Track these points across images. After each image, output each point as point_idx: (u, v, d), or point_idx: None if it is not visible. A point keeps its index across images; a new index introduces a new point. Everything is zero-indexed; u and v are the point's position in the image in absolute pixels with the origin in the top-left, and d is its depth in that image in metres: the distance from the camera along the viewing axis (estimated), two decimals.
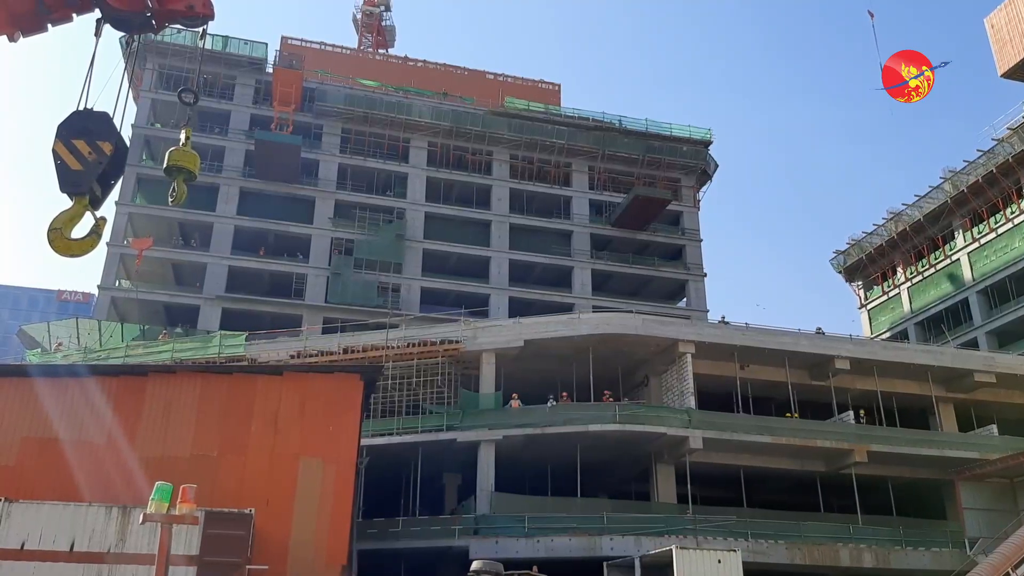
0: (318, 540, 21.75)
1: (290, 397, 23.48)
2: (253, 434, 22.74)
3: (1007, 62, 68.53)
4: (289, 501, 21.84)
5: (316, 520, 21.84)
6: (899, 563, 32.39)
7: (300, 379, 24.41)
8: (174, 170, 10.72)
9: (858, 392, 37.62)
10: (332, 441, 23.12)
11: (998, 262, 57.12)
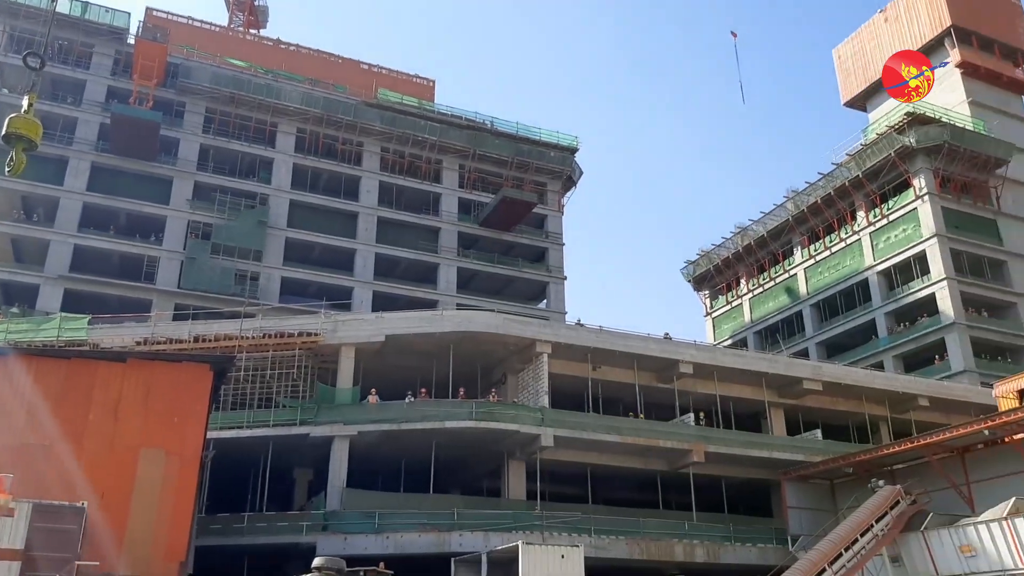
0: (156, 535, 20.89)
1: (133, 385, 22.40)
2: (91, 423, 21.56)
3: (850, 91, 74.17)
4: (127, 494, 20.87)
5: (155, 514, 20.96)
6: (728, 558, 34.35)
7: (145, 367, 23.31)
8: (13, 138, 10.07)
9: (700, 395, 39.51)
10: (176, 432, 22.23)
11: (830, 278, 61.65)
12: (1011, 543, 27.72)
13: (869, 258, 58.65)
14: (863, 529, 30.76)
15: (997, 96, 64.56)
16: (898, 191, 57.84)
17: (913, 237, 55.88)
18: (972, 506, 31.50)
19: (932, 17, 65.55)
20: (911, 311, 55.77)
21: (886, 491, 32.53)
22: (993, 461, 32.29)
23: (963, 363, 50.99)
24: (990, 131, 59.55)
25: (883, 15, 70.88)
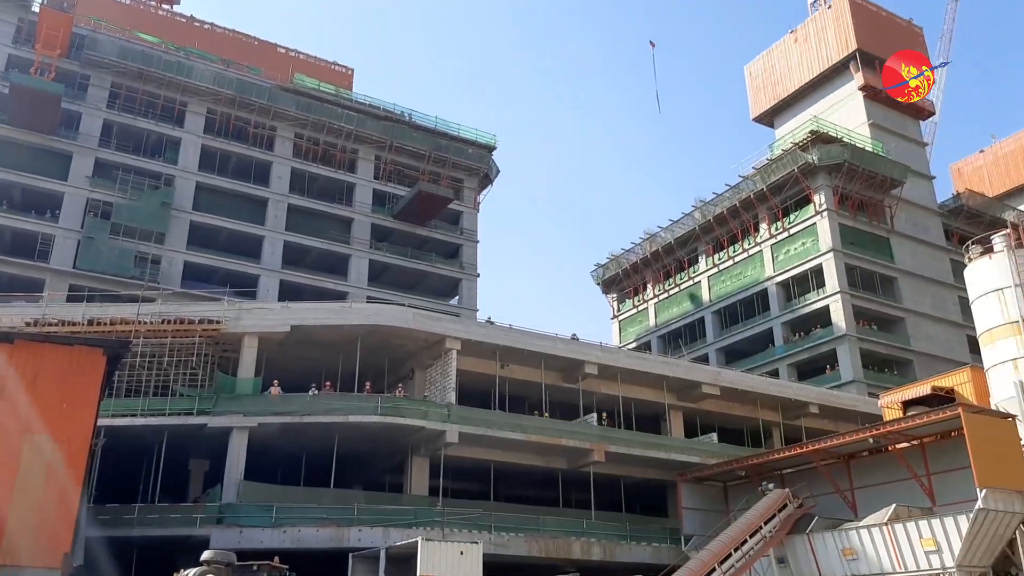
0: (39, 524, 19.93)
1: (20, 368, 21.26)
2: None
3: (759, 107, 76.77)
4: (9, 481, 19.83)
5: (39, 503, 19.99)
6: (623, 556, 35.07)
7: (34, 349, 22.12)
8: None
9: (603, 396, 40.22)
10: (65, 418, 21.22)
11: (732, 287, 63.74)
12: (890, 548, 29.27)
13: (769, 269, 60.88)
14: (752, 530, 31.93)
15: (896, 119, 67.92)
16: (799, 206, 60.23)
17: (811, 251, 58.30)
18: (855, 511, 33.09)
19: (839, 40, 68.47)
20: (806, 322, 58.19)
21: (775, 494, 33.84)
22: (876, 469, 34.02)
23: (852, 373, 53.52)
24: (888, 153, 62.63)
25: (793, 35, 73.61)
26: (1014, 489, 28.49)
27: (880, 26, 69.68)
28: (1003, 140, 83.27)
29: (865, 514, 31.87)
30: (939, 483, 31.25)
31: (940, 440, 31.80)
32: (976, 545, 27.77)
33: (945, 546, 27.90)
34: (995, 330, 36.54)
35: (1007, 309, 36.10)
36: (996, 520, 27.81)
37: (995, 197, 74.41)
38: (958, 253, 51.76)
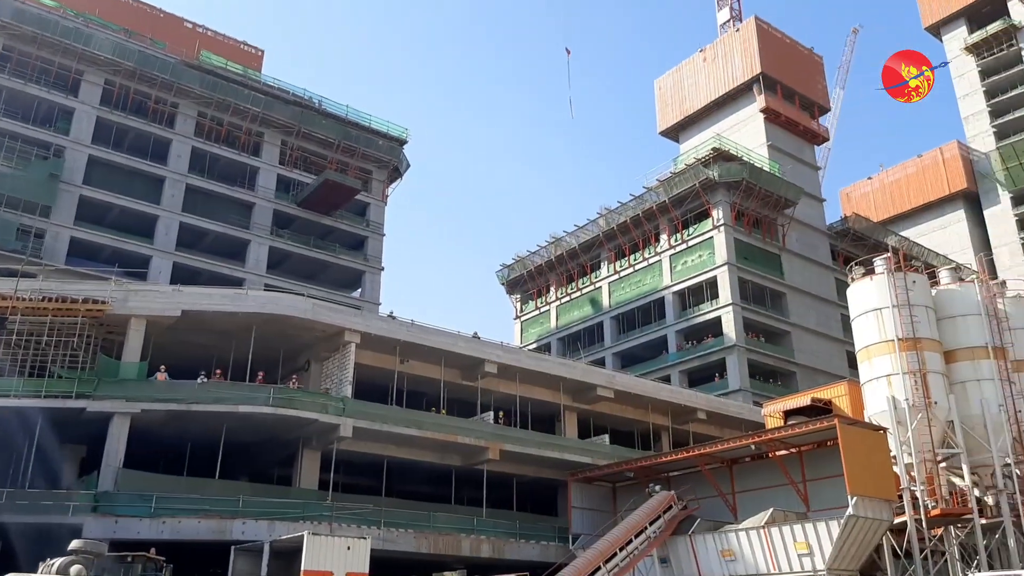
0: None
1: None
2: None
3: (666, 121, 78.67)
4: None
5: None
6: (512, 554, 35.27)
7: None
8: None
9: (501, 395, 40.37)
10: None
11: (631, 294, 65.09)
12: (766, 550, 30.42)
13: (667, 279, 62.47)
14: (638, 530, 32.63)
15: (793, 143, 70.82)
16: (698, 219, 62.02)
17: (707, 263, 60.12)
18: (735, 514, 34.27)
19: (745, 63, 70.90)
20: (699, 331, 59.97)
21: (661, 496, 34.70)
22: (757, 474, 35.34)
23: (740, 382, 55.46)
24: (784, 174, 65.22)
25: (703, 54, 75.79)
26: (882, 498, 30.08)
27: (783, 52, 72.53)
28: (890, 169, 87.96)
29: (745, 517, 33.04)
30: (814, 490, 32.75)
31: (817, 449, 33.29)
32: (846, 549, 29.17)
33: (817, 549, 29.20)
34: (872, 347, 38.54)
35: (884, 328, 38.12)
36: (865, 526, 29.29)
37: (879, 222, 78.46)
38: (842, 273, 54.29)
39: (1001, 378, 37.56)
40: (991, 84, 75.34)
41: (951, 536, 33.87)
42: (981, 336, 38.42)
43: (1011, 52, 74.44)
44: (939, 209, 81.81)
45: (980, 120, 75.73)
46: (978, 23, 78.03)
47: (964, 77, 78.12)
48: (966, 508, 33.22)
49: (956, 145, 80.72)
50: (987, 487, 35.46)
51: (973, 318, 39.04)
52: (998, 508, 34.16)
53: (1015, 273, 64.23)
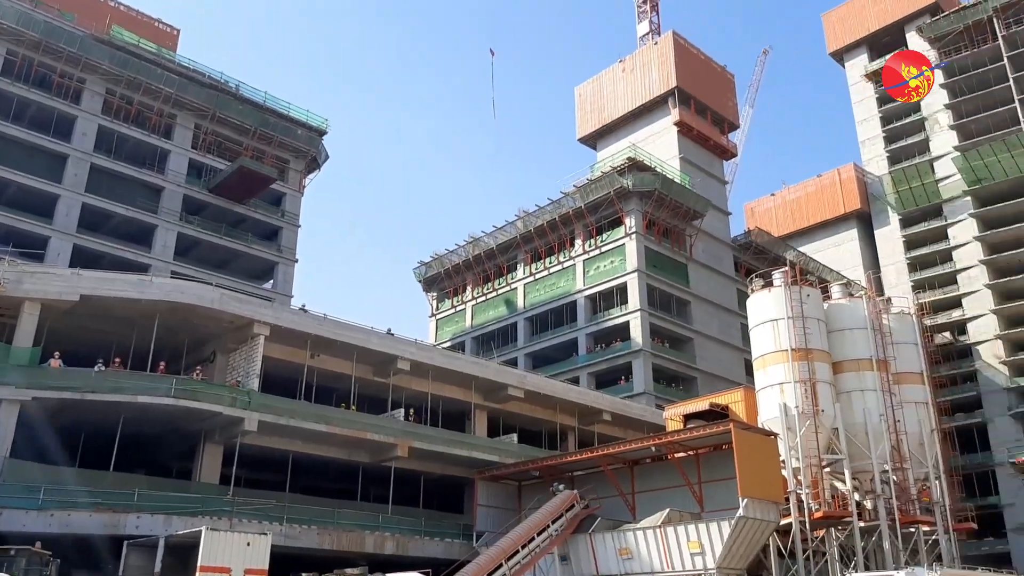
0: None
1: None
2: None
3: (585, 129, 79.60)
4: None
5: None
6: (416, 551, 35.09)
7: None
8: None
9: (413, 392, 40.06)
10: None
11: (545, 296, 65.67)
12: (661, 549, 31.17)
13: (580, 283, 63.29)
14: (540, 528, 32.95)
15: (704, 157, 72.74)
16: (612, 226, 63.05)
17: (618, 269, 61.19)
18: (634, 514, 34.98)
19: (661, 77, 72.41)
20: (608, 335, 60.98)
21: (564, 495, 35.13)
22: (657, 475, 36.18)
23: (644, 386, 56.66)
24: (694, 186, 66.93)
25: (622, 65, 77.02)
26: (770, 500, 31.23)
27: (698, 68, 74.42)
28: (791, 187, 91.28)
29: (643, 517, 33.78)
30: (709, 491, 33.75)
31: (713, 452, 34.33)
32: (735, 549, 30.15)
33: (708, 549, 30.10)
34: (767, 356, 40.02)
35: (779, 338, 39.63)
36: (753, 527, 30.34)
37: (780, 237, 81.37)
38: (744, 284, 56.07)
39: (883, 389, 39.58)
40: (887, 111, 78.98)
41: (832, 538, 35.48)
42: (867, 349, 40.41)
43: None
44: (835, 227, 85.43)
45: (876, 145, 79.34)
46: (878, 52, 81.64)
47: (863, 103, 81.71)
48: (846, 511, 34.86)
49: (853, 167, 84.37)
50: (866, 492, 37.31)
51: (860, 332, 41.03)
52: (875, 512, 35.98)
53: (900, 291, 67.64)
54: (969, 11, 71.64)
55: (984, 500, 59.95)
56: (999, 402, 63.48)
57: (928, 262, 72.31)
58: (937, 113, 73.99)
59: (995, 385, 64.07)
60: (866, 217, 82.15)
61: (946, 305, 69.50)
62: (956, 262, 69.71)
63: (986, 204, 68.21)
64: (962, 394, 65.68)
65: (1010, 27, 68.71)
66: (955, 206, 70.46)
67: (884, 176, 76.86)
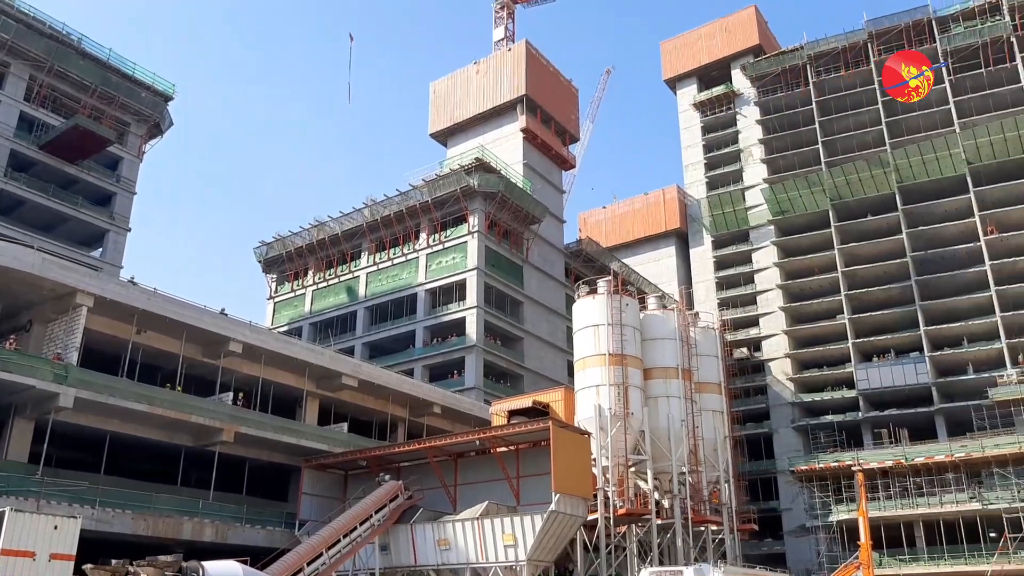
0: None
1: None
2: None
3: (437, 125, 79.31)
4: None
5: None
6: (236, 539, 33.84)
7: None
8: None
9: (244, 375, 38.53)
10: None
11: (387, 287, 65.05)
12: (478, 540, 31.87)
13: (421, 276, 63.20)
14: (363, 518, 32.81)
15: (545, 165, 74.51)
16: (456, 223, 63.38)
17: (459, 266, 61.63)
18: (455, 506, 35.53)
19: (512, 83, 73.42)
20: (445, 329, 61.28)
21: (389, 486, 35.14)
22: (480, 468, 36.91)
23: (475, 381, 57.43)
24: (534, 192, 68.44)
25: (476, 67, 77.35)
26: (580, 496, 32.73)
27: (547, 79, 76.07)
28: (621, 202, 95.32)
29: (464, 509, 34.39)
30: (526, 486, 34.86)
31: (532, 448, 35.46)
32: (545, 542, 31.37)
33: (521, 541, 31.12)
34: (587, 359, 41.86)
35: (599, 343, 41.55)
36: (563, 521, 31.69)
37: (608, 248, 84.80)
38: (572, 289, 58.07)
39: (686, 396, 42.49)
40: (709, 139, 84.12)
41: (632, 534, 37.66)
42: (675, 358, 43.18)
43: (728, 115, 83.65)
44: (656, 243, 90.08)
45: (697, 170, 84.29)
46: (706, 84, 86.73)
47: (689, 130, 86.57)
48: (647, 509, 37.15)
49: (676, 189, 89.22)
50: (665, 491, 39.94)
51: (670, 342, 43.80)
52: (672, 511, 38.57)
53: (708, 307, 72.44)
54: (786, 56, 77.44)
55: (766, 504, 65.12)
56: (784, 415, 69.36)
57: (733, 282, 77.79)
58: (752, 147, 79.56)
59: (782, 399, 69.94)
60: (684, 236, 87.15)
61: (746, 323, 75.13)
62: (757, 284, 75.41)
63: (786, 234, 74.26)
64: (753, 405, 71.17)
65: (820, 75, 74.92)
66: (760, 233, 76.15)
67: (702, 200, 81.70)
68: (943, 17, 70.41)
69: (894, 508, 53.31)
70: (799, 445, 66.36)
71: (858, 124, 72.84)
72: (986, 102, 67.21)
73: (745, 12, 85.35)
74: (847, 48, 73.50)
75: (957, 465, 52.87)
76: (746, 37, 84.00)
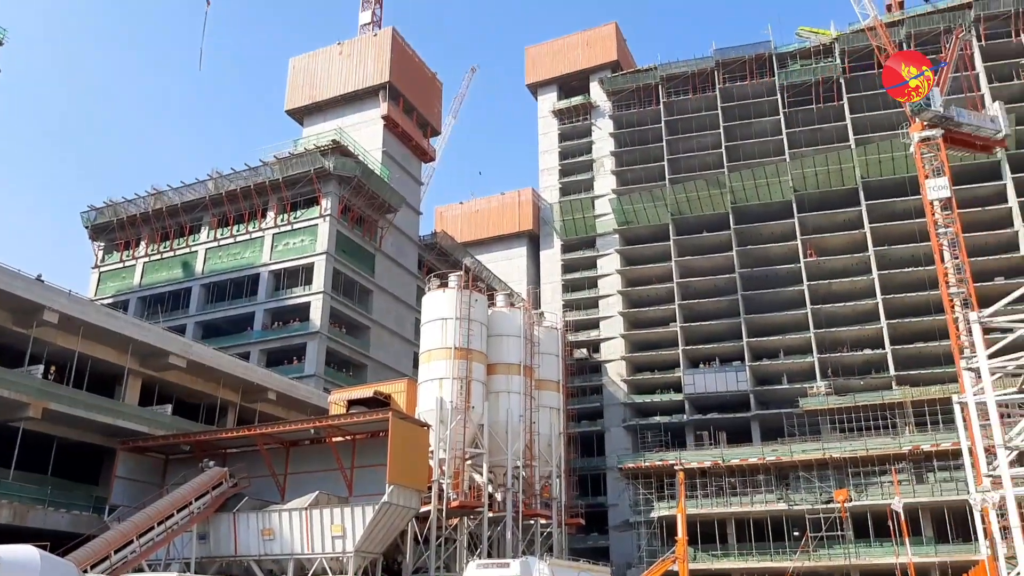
0: None
1: None
2: None
3: (294, 102, 76.50)
4: None
5: None
6: (36, 522, 30.93)
7: None
8: None
9: (59, 348, 35.29)
10: None
11: (227, 265, 61.87)
12: (305, 531, 30.86)
13: (266, 256, 60.56)
14: (181, 505, 30.95)
15: (405, 154, 73.59)
16: (308, 205, 61.24)
17: (308, 249, 59.58)
18: (283, 495, 34.23)
19: (377, 69, 71.98)
20: (287, 313, 59.00)
21: (213, 472, 33.35)
22: (313, 458, 35.73)
23: (316, 368, 55.63)
24: (392, 181, 67.36)
25: (340, 47, 75.21)
26: (415, 488, 32.44)
27: (411, 69, 75.17)
28: (478, 199, 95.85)
29: (293, 499, 33.18)
30: (361, 476, 34.09)
31: (370, 439, 34.79)
32: (375, 534, 30.84)
33: (350, 532, 30.45)
34: (433, 351, 41.69)
35: (446, 336, 41.50)
36: (396, 513, 31.29)
37: (462, 243, 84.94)
38: (424, 282, 57.58)
39: (526, 393, 43.21)
40: (565, 147, 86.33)
41: (464, 526, 37.82)
42: (518, 355, 43.85)
43: (584, 125, 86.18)
44: (509, 242, 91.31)
45: (552, 175, 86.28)
46: (566, 93, 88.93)
47: (547, 135, 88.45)
48: (480, 502, 37.40)
49: (532, 192, 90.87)
50: (499, 485, 40.39)
51: (514, 339, 44.42)
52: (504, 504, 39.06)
53: (554, 308, 74.29)
54: (641, 75, 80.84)
55: (595, 500, 67.64)
56: (617, 414, 72.25)
57: (579, 286, 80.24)
58: (604, 158, 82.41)
59: (615, 399, 72.82)
60: (536, 238, 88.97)
61: (587, 325, 77.68)
62: (600, 289, 78.16)
63: (630, 243, 77.42)
64: (589, 404, 73.72)
65: (670, 96, 78.68)
66: (606, 241, 78.97)
67: (555, 204, 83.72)
68: (783, 54, 75.97)
69: (710, 506, 56.70)
70: (628, 444, 69.31)
71: (701, 146, 77.15)
72: (815, 136, 73.11)
73: (606, 28, 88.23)
74: (696, 73, 77.68)
75: (768, 468, 56.98)
76: (605, 52, 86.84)
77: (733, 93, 76.43)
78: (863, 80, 71.91)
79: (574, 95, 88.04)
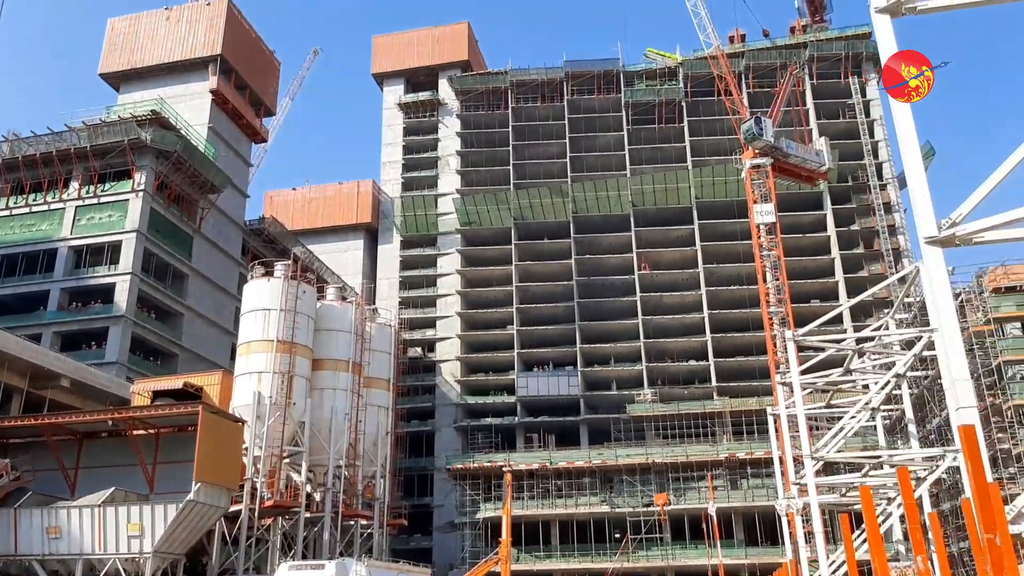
0: None
1: None
2: None
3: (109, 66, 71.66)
4: None
5: None
6: None
7: None
8: None
9: None
10: None
11: (19, 236, 57.05)
12: (97, 529, 29.07)
13: (67, 230, 56.29)
14: None
15: (234, 133, 70.77)
16: (118, 178, 57.53)
17: (116, 225, 55.91)
18: (74, 491, 32.06)
19: (208, 39, 68.83)
20: (88, 294, 55.09)
21: None
22: (110, 452, 33.75)
23: (119, 355, 52.23)
24: (217, 160, 64.56)
25: (167, 13, 71.27)
26: (224, 486, 31.43)
27: (247, 45, 72.48)
28: (314, 186, 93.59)
29: (85, 495, 31.18)
30: (165, 473, 32.56)
31: (177, 433, 33.31)
32: (178, 533, 29.58)
33: (149, 531, 29.04)
34: (253, 343, 40.57)
35: (268, 328, 40.53)
36: (202, 511, 30.17)
37: (293, 231, 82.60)
38: (248, 269, 55.63)
39: (353, 390, 42.99)
40: (409, 142, 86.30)
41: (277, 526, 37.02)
42: (347, 351, 43.54)
43: (431, 121, 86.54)
44: (345, 234, 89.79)
45: (395, 168, 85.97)
46: (414, 87, 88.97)
47: (392, 128, 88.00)
48: (296, 502, 36.75)
49: (372, 184, 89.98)
50: (318, 484, 39.87)
51: (344, 334, 44.11)
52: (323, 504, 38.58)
53: (390, 304, 73.95)
54: (491, 77, 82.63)
55: (420, 500, 68.04)
56: (449, 415, 73.07)
57: (417, 283, 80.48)
58: (449, 156, 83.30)
59: (448, 400, 73.64)
60: (374, 231, 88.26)
61: (423, 324, 78.05)
62: (439, 288, 78.78)
63: (471, 244, 78.68)
64: (420, 404, 74.07)
65: (519, 102, 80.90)
66: (448, 240, 79.80)
67: (396, 199, 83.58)
68: (630, 72, 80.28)
69: (535, 507, 58.72)
70: (459, 444, 70.39)
71: (546, 154, 79.98)
72: (655, 154, 77.75)
73: (459, 26, 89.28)
74: (546, 82, 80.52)
75: (594, 471, 59.77)
76: (456, 50, 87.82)
77: (580, 105, 79.80)
78: (703, 105, 77.33)
79: (422, 90, 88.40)
